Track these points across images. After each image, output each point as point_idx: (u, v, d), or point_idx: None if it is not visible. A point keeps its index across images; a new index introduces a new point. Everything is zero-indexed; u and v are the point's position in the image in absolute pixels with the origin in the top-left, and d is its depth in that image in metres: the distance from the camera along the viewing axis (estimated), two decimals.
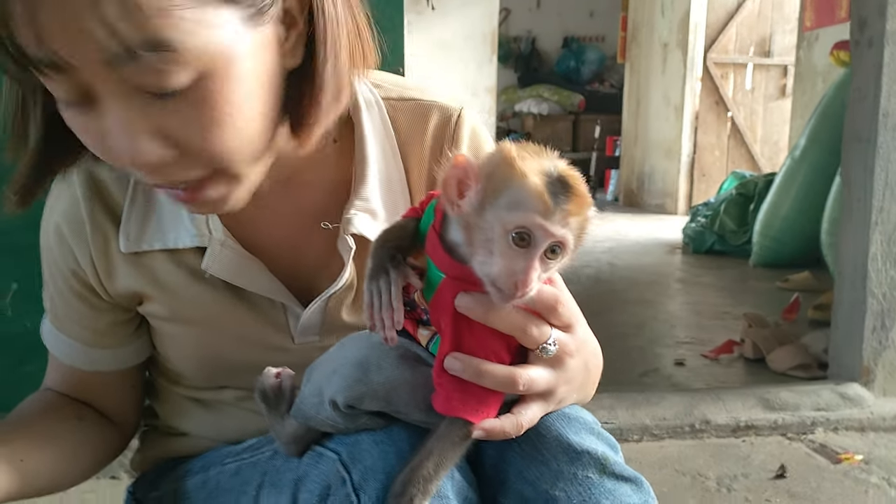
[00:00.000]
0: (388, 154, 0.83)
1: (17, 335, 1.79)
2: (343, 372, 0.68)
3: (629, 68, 7.59)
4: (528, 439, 0.69)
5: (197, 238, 0.77)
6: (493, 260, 0.57)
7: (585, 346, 0.72)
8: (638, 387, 2.34)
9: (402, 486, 0.63)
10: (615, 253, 4.87)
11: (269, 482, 0.77)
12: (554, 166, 0.58)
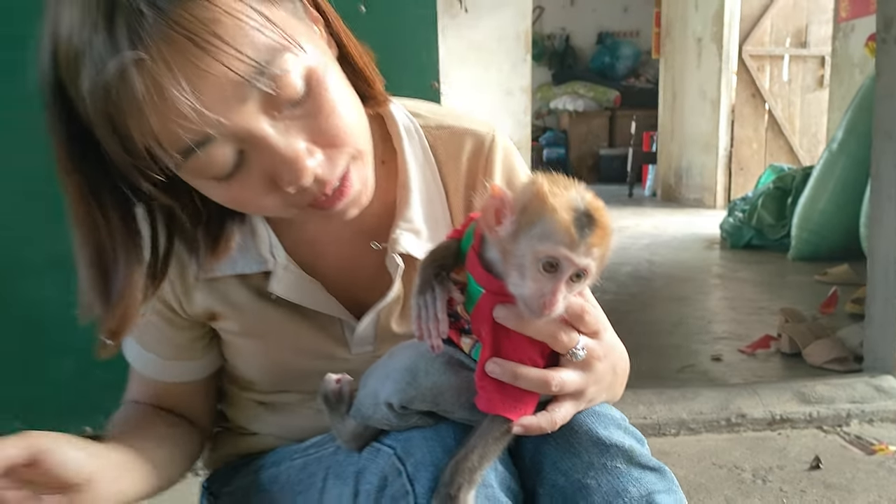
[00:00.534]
0: (428, 178, 0.91)
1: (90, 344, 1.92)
2: (395, 377, 0.77)
3: (664, 63, 7.58)
4: (562, 434, 0.77)
5: (263, 264, 0.87)
6: (525, 283, 0.66)
7: (612, 350, 0.80)
8: (675, 382, 2.40)
9: (451, 476, 0.71)
10: (653, 249, 4.90)
11: (333, 475, 0.85)
12: (581, 200, 0.66)
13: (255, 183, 0.72)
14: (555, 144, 9.37)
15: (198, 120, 0.65)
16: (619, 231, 5.45)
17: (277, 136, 0.69)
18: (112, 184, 0.74)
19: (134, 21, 0.63)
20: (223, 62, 0.64)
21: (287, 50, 0.67)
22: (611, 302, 3.58)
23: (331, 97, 0.72)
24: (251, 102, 0.67)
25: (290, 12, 0.71)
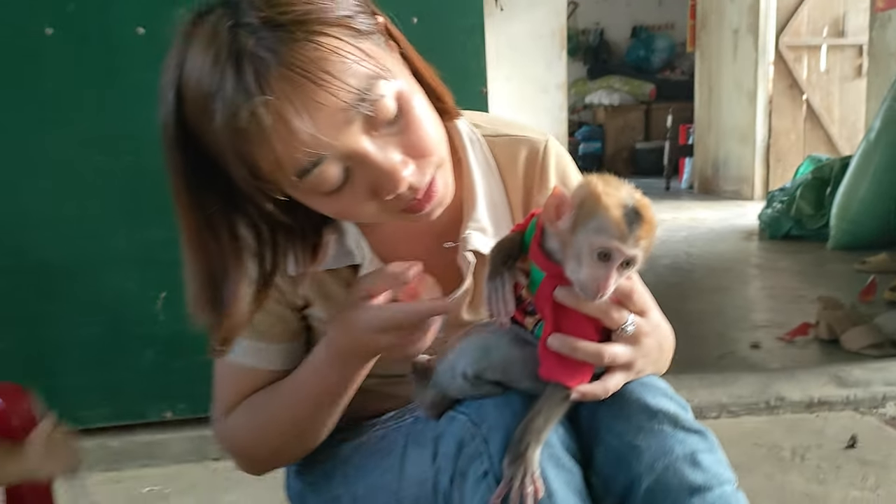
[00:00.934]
0: (490, 182, 1.03)
1: (169, 335, 2.08)
2: (470, 352, 0.88)
3: (699, 56, 7.60)
4: (615, 402, 0.87)
5: (352, 258, 0.99)
6: (581, 269, 0.77)
7: (658, 328, 0.91)
8: (715, 369, 2.50)
9: (520, 436, 0.82)
10: (691, 241, 4.96)
11: (412, 441, 0.96)
12: (631, 198, 0.77)
13: (358, 194, 0.84)
14: (591, 139, 9.43)
15: (314, 144, 0.77)
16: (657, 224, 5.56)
17: (377, 152, 0.82)
18: (223, 208, 0.86)
19: (259, 66, 0.75)
20: (333, 94, 0.76)
21: (381, 77, 0.80)
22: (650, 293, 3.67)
23: (417, 115, 0.85)
24: (355, 125, 0.80)
25: (377, 44, 0.83)
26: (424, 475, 0.91)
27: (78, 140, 1.99)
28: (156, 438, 2.12)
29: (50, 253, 2.03)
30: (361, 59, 0.79)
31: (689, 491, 0.83)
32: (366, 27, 0.82)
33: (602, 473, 0.87)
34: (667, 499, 0.84)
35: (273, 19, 0.76)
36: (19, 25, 1.91)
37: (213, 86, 0.77)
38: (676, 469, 0.84)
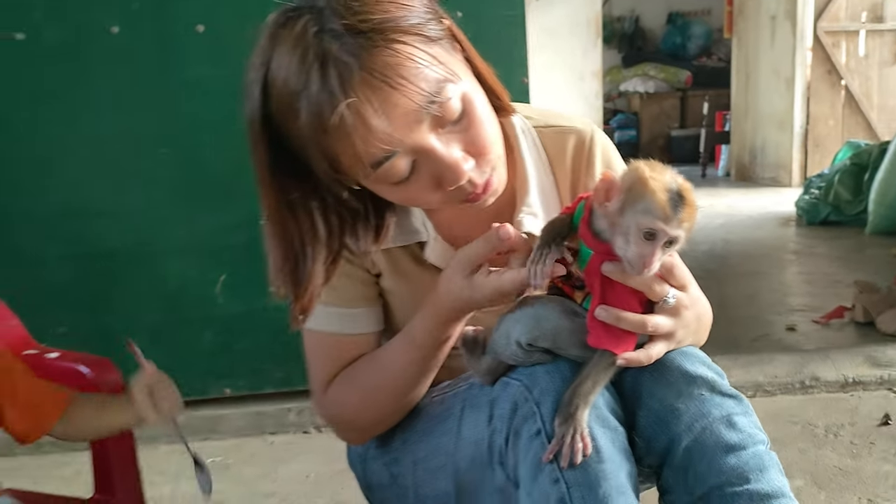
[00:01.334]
0: (540, 169, 1.12)
1: (228, 317, 2.21)
2: (524, 321, 0.95)
3: (736, 42, 7.56)
4: (656, 369, 0.95)
5: (418, 235, 1.09)
6: (629, 247, 0.85)
7: (697, 301, 0.98)
8: (751, 350, 2.56)
9: (570, 399, 0.89)
10: (728, 228, 4.98)
11: (469, 405, 1.02)
12: (675, 182, 0.85)
13: (423, 184, 0.94)
14: (626, 127, 9.42)
15: (388, 141, 0.87)
16: None
17: (442, 148, 0.91)
18: (302, 193, 0.96)
19: (342, 69, 0.84)
20: (407, 96, 0.86)
21: (449, 81, 0.89)
22: None
23: (479, 115, 0.93)
24: (424, 124, 0.89)
25: (444, 49, 0.92)
26: (480, 436, 0.98)
27: (141, 134, 2.12)
28: (216, 413, 2.25)
29: (115, 241, 2.16)
30: (432, 65, 0.87)
31: (725, 449, 0.91)
32: (435, 34, 0.90)
33: (644, 434, 0.95)
34: (704, 457, 0.91)
35: (354, 26, 0.85)
36: (88, 24, 2.04)
37: (300, 85, 0.86)
38: (713, 430, 0.92)
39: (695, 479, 0.92)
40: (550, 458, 0.88)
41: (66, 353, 1.37)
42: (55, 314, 2.12)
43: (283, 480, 1.97)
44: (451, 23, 0.96)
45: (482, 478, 1.00)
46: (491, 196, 1.00)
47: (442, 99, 0.88)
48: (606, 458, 0.88)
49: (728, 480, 0.90)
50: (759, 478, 0.91)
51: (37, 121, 2.08)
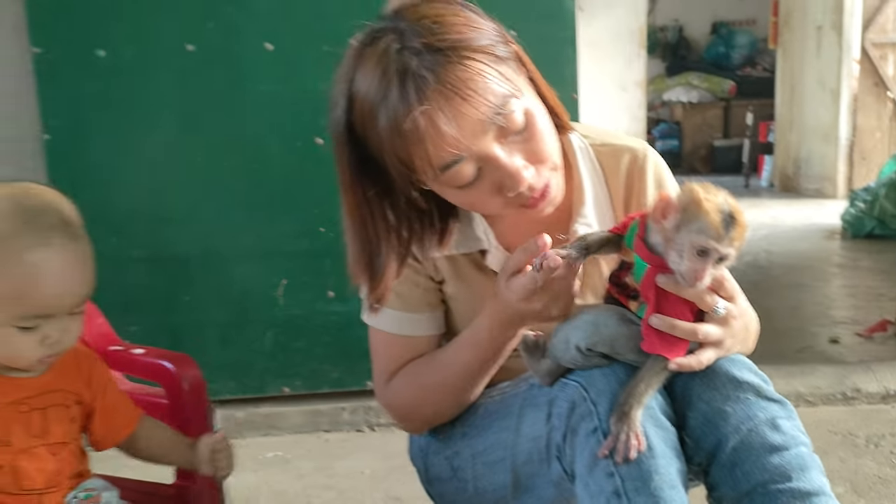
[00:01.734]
0: (596, 184, 1.20)
1: (288, 319, 2.33)
2: (583, 327, 1.03)
3: (781, 53, 7.53)
4: (706, 374, 1.02)
5: (480, 244, 1.18)
6: (683, 262, 0.93)
7: (745, 312, 1.06)
8: (793, 361, 2.60)
9: (625, 399, 0.96)
10: (771, 240, 4.98)
11: (528, 404, 1.09)
12: (727, 204, 0.92)
13: (486, 189, 1.04)
14: (668, 136, 9.40)
15: (456, 146, 0.97)
16: None
17: (505, 157, 1.01)
18: (377, 192, 1.07)
19: (419, 82, 0.95)
20: (476, 108, 0.96)
21: (514, 96, 0.99)
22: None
23: (540, 128, 1.03)
24: (490, 133, 0.99)
25: (511, 68, 1.02)
26: (538, 432, 1.06)
27: (212, 145, 2.25)
28: (275, 411, 2.37)
29: (186, 246, 2.29)
30: (499, 80, 0.98)
31: (770, 450, 0.98)
32: (503, 54, 1.00)
33: (694, 434, 1.02)
34: (749, 456, 0.98)
35: (432, 45, 0.96)
36: (165, 42, 2.17)
37: (380, 95, 0.97)
38: (759, 431, 0.99)
39: (740, 476, 0.98)
40: (606, 453, 0.95)
41: (150, 350, 1.45)
42: (129, 313, 2.24)
43: (340, 476, 2.08)
44: (518, 47, 1.06)
45: (538, 471, 1.07)
46: (549, 204, 1.09)
47: (506, 111, 0.98)
48: (658, 454, 0.95)
49: (772, 478, 0.97)
50: (801, 476, 0.97)
51: (117, 132, 2.22)
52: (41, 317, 1.01)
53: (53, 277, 1.00)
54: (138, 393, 1.44)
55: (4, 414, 1.04)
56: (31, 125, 2.30)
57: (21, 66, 2.28)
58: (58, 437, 1.09)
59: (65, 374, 1.13)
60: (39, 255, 0.99)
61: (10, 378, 1.06)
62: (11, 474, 1.04)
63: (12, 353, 1.03)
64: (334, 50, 2.15)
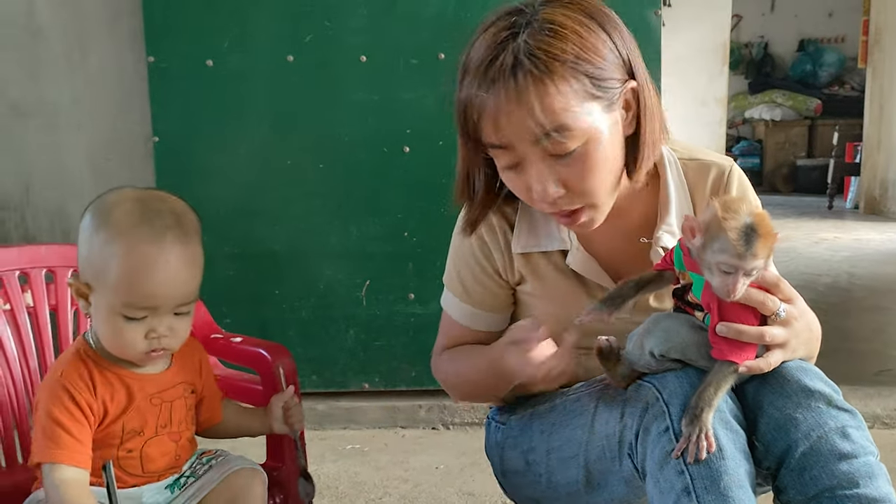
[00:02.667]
0: (681, 195, 1.24)
1: (370, 318, 2.43)
2: (657, 334, 1.06)
3: (871, 73, 7.33)
4: (777, 382, 1.04)
5: (562, 244, 1.24)
6: (714, 277, 0.98)
7: (805, 313, 1.08)
8: (872, 383, 2.57)
9: (696, 402, 0.99)
10: (853, 262, 4.87)
11: (603, 403, 1.13)
12: (750, 217, 0.94)
13: (520, 184, 1.12)
14: (749, 154, 9.24)
15: (502, 136, 1.06)
16: (817, 243, 5.45)
17: (541, 169, 1.08)
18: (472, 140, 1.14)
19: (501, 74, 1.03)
20: (529, 119, 1.03)
21: (573, 131, 1.05)
22: None
23: (591, 164, 1.08)
24: (538, 145, 1.06)
25: (602, 107, 1.07)
26: (611, 430, 1.11)
27: (305, 149, 2.38)
28: (355, 405, 2.48)
29: (276, 244, 2.43)
30: (568, 109, 1.04)
31: (839, 457, 1.00)
32: (602, 93, 1.07)
33: (764, 439, 1.05)
34: (818, 462, 1.01)
35: (536, 49, 1.03)
36: (267, 53, 2.32)
37: (474, 66, 1.07)
38: (828, 439, 1.01)
39: (808, 481, 1.01)
40: (679, 454, 0.99)
41: (246, 339, 1.55)
42: (222, 306, 2.38)
43: (415, 470, 2.16)
44: (640, 87, 1.11)
45: (610, 468, 1.12)
46: (581, 228, 1.16)
47: (558, 138, 1.04)
48: (728, 455, 0.99)
49: (839, 484, 0.99)
50: (868, 484, 0.99)
51: (219, 136, 2.37)
52: (147, 308, 1.10)
53: (160, 272, 1.08)
54: (235, 378, 1.56)
55: (142, 406, 1.16)
56: (143, 129, 2.49)
57: (135, 74, 2.47)
58: (178, 425, 1.20)
59: (184, 367, 1.23)
60: (150, 249, 1.08)
61: (146, 375, 1.17)
62: (139, 459, 1.15)
63: (120, 342, 1.12)
64: (421, 63, 2.29)
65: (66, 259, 1.50)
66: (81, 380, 1.11)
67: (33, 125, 2.56)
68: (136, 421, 1.14)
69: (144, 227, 1.08)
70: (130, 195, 1.14)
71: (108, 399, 1.12)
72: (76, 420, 1.09)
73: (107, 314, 1.10)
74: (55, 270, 1.48)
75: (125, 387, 1.14)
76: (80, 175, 2.56)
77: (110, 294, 1.09)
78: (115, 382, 1.14)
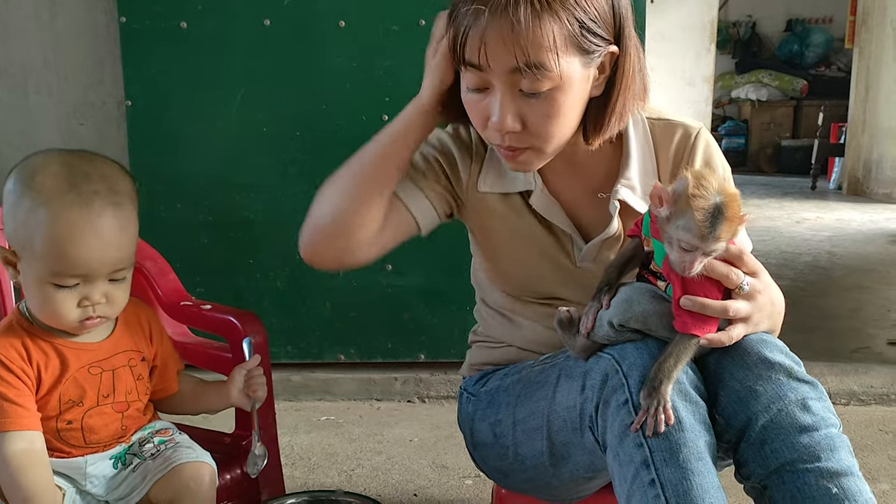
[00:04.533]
0: (645, 153, 1.24)
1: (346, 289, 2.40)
2: (616, 304, 1.05)
3: (858, 53, 7.32)
4: (738, 354, 1.03)
5: (526, 184, 1.22)
6: (672, 252, 0.97)
7: (769, 287, 1.07)
8: (849, 360, 2.58)
9: (654, 374, 0.98)
10: (835, 241, 4.89)
11: (564, 375, 1.13)
12: (719, 196, 0.93)
13: (479, 108, 1.10)
14: (734, 134, 9.24)
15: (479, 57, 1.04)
16: (799, 223, 5.47)
17: (506, 100, 1.07)
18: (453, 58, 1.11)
19: None
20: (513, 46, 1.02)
21: (550, 72, 1.03)
22: (787, 287, 3.71)
23: (551, 110, 1.07)
24: (511, 75, 1.04)
25: (582, 63, 1.06)
26: (573, 402, 1.10)
27: (281, 116, 2.33)
28: (330, 377, 2.45)
29: (251, 212, 2.38)
30: (551, 50, 1.02)
31: (799, 430, 1.00)
32: (587, 45, 1.05)
33: (725, 412, 1.04)
34: (779, 435, 1.00)
35: None
36: (243, 16, 2.26)
37: None
38: (788, 411, 1.01)
39: (769, 454, 1.01)
40: (637, 428, 0.98)
41: (216, 306, 1.53)
42: (196, 275, 2.34)
43: (389, 442, 2.15)
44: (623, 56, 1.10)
45: (572, 440, 1.12)
46: (517, 167, 1.16)
47: (533, 74, 1.03)
48: (687, 427, 0.98)
49: (800, 458, 0.99)
50: (830, 457, 0.98)
51: (193, 101, 2.32)
52: (78, 276, 1.07)
53: (89, 238, 1.05)
54: (204, 346, 1.53)
55: (79, 376, 1.12)
56: (114, 92, 2.43)
57: (107, 35, 2.41)
58: (126, 395, 1.17)
59: (130, 334, 1.20)
60: (77, 215, 1.05)
61: (83, 343, 1.14)
62: (80, 430, 1.12)
63: (51, 311, 1.09)
64: (402, 29, 2.24)
65: None
66: (13, 349, 1.08)
67: (1, 86, 2.50)
68: (73, 391, 1.12)
69: (71, 193, 1.05)
70: (56, 158, 1.09)
71: (42, 368, 1.09)
72: (14, 387, 1.06)
73: (36, 283, 1.07)
74: None
75: (59, 356, 1.11)
76: (50, 139, 2.51)
77: (37, 263, 1.06)
78: (49, 351, 1.11)
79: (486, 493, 1.82)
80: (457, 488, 1.87)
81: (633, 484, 0.98)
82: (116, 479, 1.16)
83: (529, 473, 1.23)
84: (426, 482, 1.91)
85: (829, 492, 0.97)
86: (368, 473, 1.96)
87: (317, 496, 1.33)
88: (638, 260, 1.08)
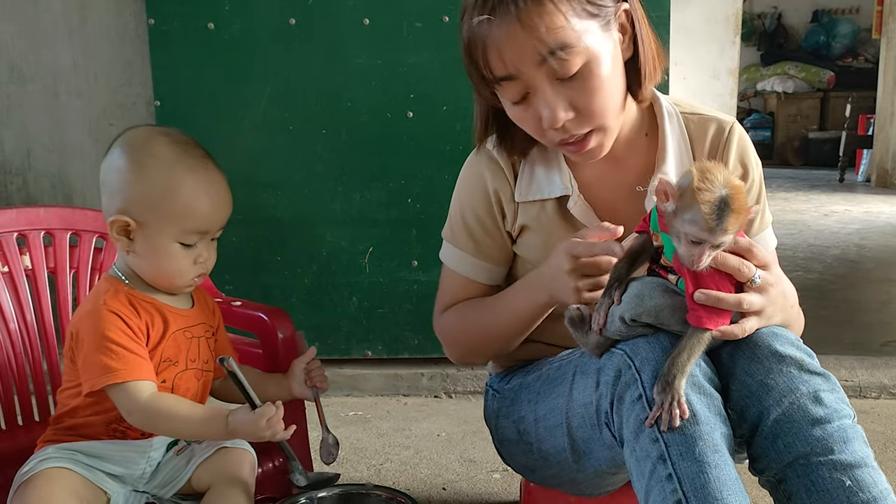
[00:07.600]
0: (681, 148, 1.24)
1: (372, 285, 2.42)
2: (627, 299, 1.03)
3: (885, 43, 7.22)
4: (750, 348, 1.03)
5: (563, 189, 1.24)
6: (680, 246, 0.96)
7: (780, 280, 1.07)
8: (879, 353, 2.55)
9: (668, 368, 0.98)
10: (863, 234, 4.83)
11: (580, 371, 1.14)
12: (725, 189, 0.91)
13: (529, 115, 1.12)
14: (760, 127, 9.16)
15: (506, 64, 1.06)
16: (827, 216, 5.41)
17: (548, 93, 1.08)
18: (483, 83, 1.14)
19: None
20: (532, 38, 1.04)
21: (575, 47, 1.05)
22: (816, 280, 3.68)
23: (595, 83, 1.09)
24: (543, 68, 1.06)
25: (600, 25, 1.08)
26: (588, 399, 1.11)
27: (308, 114, 2.35)
28: (357, 373, 2.47)
29: (279, 210, 2.41)
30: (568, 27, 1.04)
31: (811, 422, 1.00)
32: (597, 10, 1.07)
33: (737, 406, 1.04)
34: (791, 429, 1.00)
35: None
36: (269, 17, 2.29)
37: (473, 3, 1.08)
38: (801, 404, 1.00)
39: (782, 448, 1.00)
40: (652, 423, 0.98)
41: (246, 303, 1.56)
42: (224, 273, 2.36)
43: (417, 437, 2.16)
44: (633, 9, 1.12)
45: (592, 436, 1.12)
46: (587, 157, 1.17)
47: (562, 56, 1.05)
48: (702, 420, 0.98)
49: (813, 451, 0.99)
50: (843, 449, 0.98)
51: (220, 100, 2.34)
52: (201, 233, 1.15)
53: (213, 196, 1.15)
54: (234, 342, 1.56)
55: (177, 338, 1.19)
56: (143, 92, 2.47)
57: (136, 37, 2.44)
58: (204, 363, 1.24)
59: (203, 308, 1.27)
60: (201, 176, 1.14)
61: (177, 309, 1.21)
62: (170, 391, 1.18)
63: (176, 269, 1.16)
64: (425, 26, 2.25)
65: (65, 221, 1.50)
66: (125, 306, 1.14)
67: (33, 89, 2.54)
68: (171, 350, 1.18)
69: (188, 158, 1.14)
70: (153, 131, 1.19)
71: (150, 324, 1.16)
72: (134, 340, 1.12)
73: (163, 244, 1.14)
74: (54, 233, 1.47)
75: (161, 315, 1.18)
76: (81, 139, 2.55)
77: (168, 224, 1.13)
78: (153, 311, 1.17)
79: (514, 486, 1.83)
80: (485, 482, 1.89)
81: (650, 479, 0.98)
82: (164, 465, 1.21)
83: (554, 469, 1.24)
84: (454, 476, 1.92)
85: (843, 484, 0.96)
86: (397, 468, 1.97)
87: (348, 489, 1.35)
88: (647, 255, 1.07)
